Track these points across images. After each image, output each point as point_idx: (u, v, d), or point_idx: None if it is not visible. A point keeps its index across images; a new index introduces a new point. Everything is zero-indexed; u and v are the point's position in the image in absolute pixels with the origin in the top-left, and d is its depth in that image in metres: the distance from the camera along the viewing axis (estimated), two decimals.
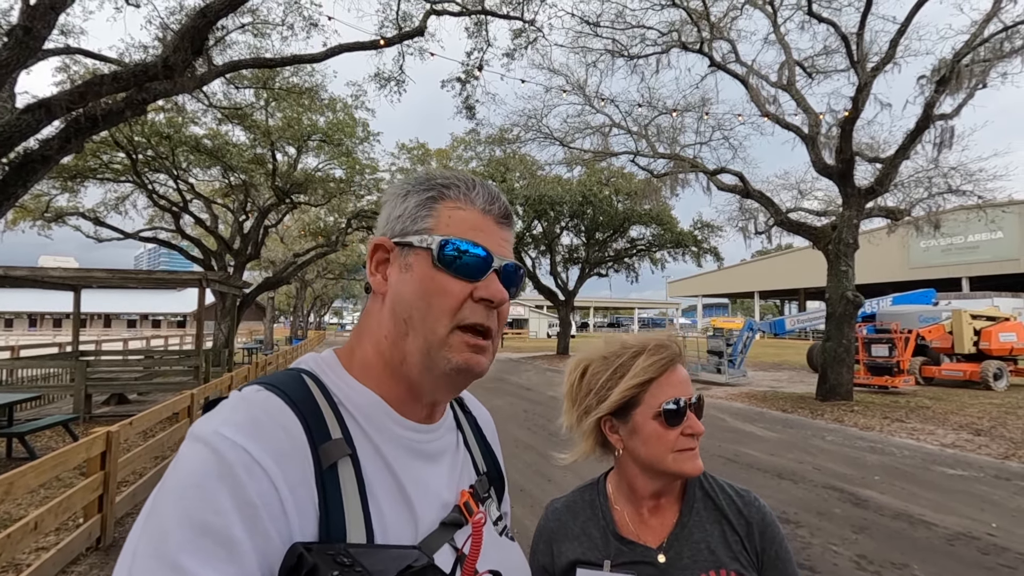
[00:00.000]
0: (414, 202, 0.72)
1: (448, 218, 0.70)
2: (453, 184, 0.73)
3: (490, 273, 0.70)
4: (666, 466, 0.98)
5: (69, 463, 3.84)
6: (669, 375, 1.01)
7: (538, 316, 54.69)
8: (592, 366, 1.07)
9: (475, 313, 0.68)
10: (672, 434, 0.98)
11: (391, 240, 0.71)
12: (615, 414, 1.03)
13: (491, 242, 0.71)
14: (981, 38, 10.22)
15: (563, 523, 1.07)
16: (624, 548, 1.00)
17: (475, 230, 0.71)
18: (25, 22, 5.57)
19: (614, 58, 13.81)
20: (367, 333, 0.72)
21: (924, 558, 4.07)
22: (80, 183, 15.84)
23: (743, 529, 1.00)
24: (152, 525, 0.52)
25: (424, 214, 0.71)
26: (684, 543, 0.98)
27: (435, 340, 0.67)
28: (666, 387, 1.00)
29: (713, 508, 1.03)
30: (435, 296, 0.67)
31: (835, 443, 7.82)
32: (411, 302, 0.68)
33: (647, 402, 1.00)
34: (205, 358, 10.90)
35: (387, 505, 0.63)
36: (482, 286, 0.69)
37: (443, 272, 0.68)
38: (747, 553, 0.98)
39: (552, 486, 5.75)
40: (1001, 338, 14.31)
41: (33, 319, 49.04)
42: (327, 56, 9.04)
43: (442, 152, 25.09)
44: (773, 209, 13.46)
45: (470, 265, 0.68)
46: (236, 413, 0.59)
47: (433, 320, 0.67)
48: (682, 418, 0.99)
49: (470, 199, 0.72)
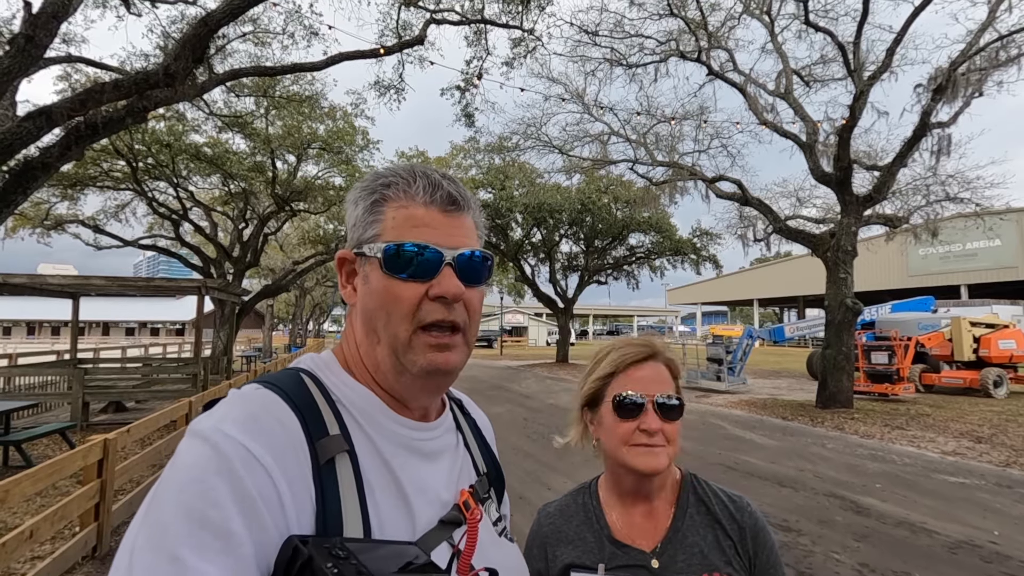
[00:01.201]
0: (362, 208, 0.72)
1: (392, 219, 0.69)
2: (393, 182, 0.71)
3: (443, 268, 0.68)
4: (620, 458, 1.01)
5: (65, 471, 3.82)
6: (633, 370, 1.04)
7: (537, 324, 54.62)
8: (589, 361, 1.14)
9: (433, 312, 0.68)
10: (624, 427, 1.00)
11: (351, 251, 0.71)
12: (589, 405, 1.09)
13: (438, 235, 0.69)
14: (977, 47, 10.30)
15: (557, 527, 1.08)
16: (618, 552, 1.00)
17: (420, 227, 0.69)
18: (27, 31, 5.60)
19: (613, 67, 13.90)
20: (348, 343, 0.75)
21: (926, 566, 4.04)
22: (80, 191, 15.87)
23: (736, 534, 1.01)
24: (151, 519, 0.52)
25: (372, 219, 0.70)
26: (678, 547, 0.99)
27: (399, 345, 0.68)
28: (625, 381, 1.03)
29: (706, 513, 1.04)
30: (391, 303, 0.67)
31: (836, 451, 7.79)
32: (373, 312, 0.69)
33: (607, 395, 1.04)
34: (203, 366, 10.88)
35: (384, 501, 0.64)
36: (435, 283, 0.67)
37: (392, 278, 0.67)
38: (740, 557, 0.99)
39: (552, 494, 5.71)
40: (1001, 345, 14.31)
41: (31, 327, 48.95)
42: (327, 64, 9.08)
43: (441, 160, 25.16)
44: (772, 216, 13.49)
45: (418, 265, 0.67)
46: (234, 410, 0.60)
47: (394, 327, 0.67)
48: (635, 413, 1.00)
49: (410, 194, 0.70)
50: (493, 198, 21.91)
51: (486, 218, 0.81)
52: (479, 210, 0.77)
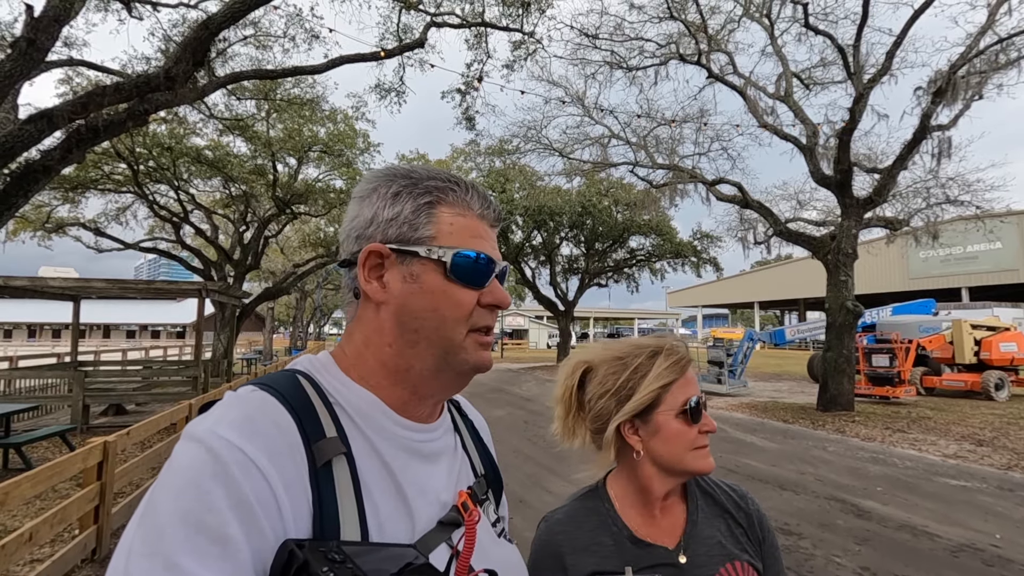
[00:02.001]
0: (410, 207, 0.70)
1: (450, 225, 0.71)
2: (450, 188, 0.72)
3: (492, 278, 0.72)
4: (685, 464, 1.01)
5: (65, 474, 3.81)
6: (688, 374, 1.04)
7: (538, 327, 54.59)
8: (602, 368, 1.05)
9: (484, 318, 0.72)
10: (693, 432, 1.01)
11: (387, 246, 0.69)
12: (640, 415, 1.03)
13: (488, 247, 0.72)
14: (976, 50, 10.31)
15: (569, 535, 1.03)
16: (642, 552, 0.99)
17: (476, 237, 0.72)
18: (29, 34, 5.62)
19: (613, 70, 13.93)
20: (364, 340, 0.71)
21: (928, 569, 4.03)
22: (81, 194, 15.88)
23: (744, 520, 1.05)
24: (147, 524, 0.51)
25: (424, 221, 0.70)
26: (698, 541, 1.01)
27: (452, 347, 0.70)
28: (686, 386, 1.02)
29: (714, 504, 1.07)
30: (450, 308, 0.69)
31: (837, 454, 7.77)
32: (422, 314, 0.69)
33: (668, 401, 1.00)
34: (204, 368, 10.87)
35: (383, 503, 0.63)
36: (487, 292, 0.71)
37: (455, 283, 0.69)
38: (751, 543, 1.03)
39: (552, 497, 5.70)
40: (1002, 348, 14.28)
41: (32, 330, 48.93)
42: (328, 68, 9.10)
43: (442, 163, 25.18)
44: (772, 219, 13.49)
45: (478, 274, 0.70)
46: (230, 412, 0.59)
47: (449, 330, 0.69)
48: (701, 416, 1.02)
49: (467, 204, 0.73)
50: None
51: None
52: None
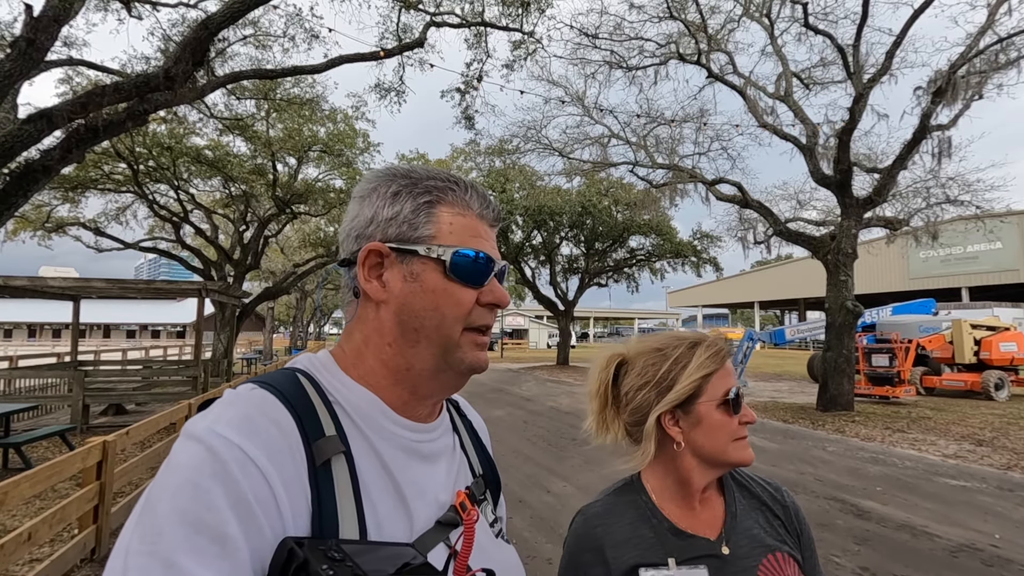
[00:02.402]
0: (410, 206, 0.71)
1: (450, 224, 0.71)
2: (449, 188, 0.73)
3: (491, 277, 0.73)
4: (726, 455, 1.01)
5: (64, 473, 3.81)
6: (727, 365, 1.04)
7: (538, 326, 54.56)
8: (640, 359, 1.05)
9: (482, 316, 0.72)
10: (734, 422, 1.01)
11: (386, 245, 0.70)
12: (678, 406, 1.02)
13: (488, 246, 0.73)
14: (976, 50, 10.31)
15: (608, 527, 1.02)
16: (684, 544, 0.99)
17: (475, 236, 0.72)
18: (28, 34, 5.61)
19: (612, 69, 13.92)
20: (364, 340, 0.72)
21: (928, 570, 4.03)
22: (81, 193, 15.88)
23: (782, 512, 1.06)
24: (145, 522, 0.51)
25: (424, 220, 0.70)
26: (739, 533, 1.01)
27: (450, 345, 0.70)
28: (726, 377, 1.02)
29: (750, 496, 1.08)
30: (450, 306, 0.69)
31: (836, 454, 7.77)
32: (422, 313, 0.69)
33: (709, 392, 1.01)
34: (204, 368, 10.87)
35: (381, 502, 0.63)
36: (487, 291, 0.72)
37: (455, 282, 0.69)
38: (789, 535, 1.04)
39: (551, 497, 5.70)
40: (1002, 348, 14.28)
41: (32, 329, 48.93)
42: (328, 67, 9.10)
43: (442, 163, 25.18)
44: (772, 219, 13.48)
45: (477, 273, 0.71)
46: (229, 410, 0.59)
47: (448, 328, 0.69)
48: (741, 406, 1.02)
49: (467, 204, 0.73)
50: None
51: None
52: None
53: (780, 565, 0.98)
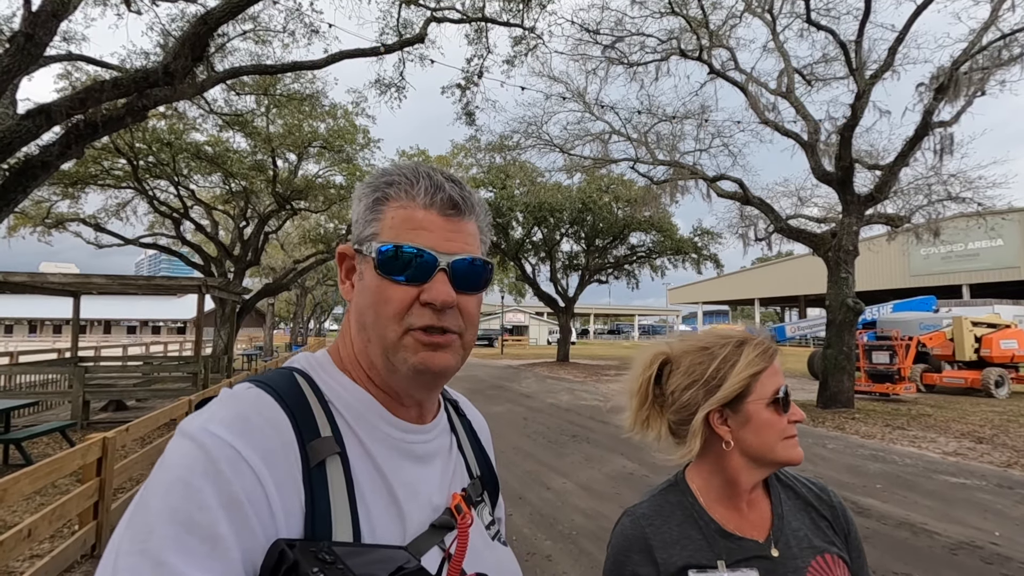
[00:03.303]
0: (363, 206, 0.71)
1: (391, 219, 0.69)
2: (396, 181, 0.70)
3: (436, 273, 0.67)
4: (775, 454, 1.00)
5: (64, 469, 3.81)
6: (775, 364, 1.03)
7: (538, 323, 54.60)
8: (686, 358, 1.05)
9: (421, 317, 0.67)
10: (783, 421, 1.00)
11: (351, 247, 0.71)
12: (729, 405, 1.02)
13: (435, 239, 0.68)
14: (979, 46, 10.26)
15: (657, 528, 1.02)
16: (733, 546, 0.98)
17: (417, 229, 0.68)
18: (27, 29, 5.59)
19: (613, 65, 13.87)
20: (343, 339, 0.74)
21: (927, 568, 4.03)
22: (81, 189, 15.85)
23: (829, 513, 1.05)
24: (137, 521, 0.51)
25: (371, 218, 0.70)
26: (788, 534, 1.00)
27: (388, 344, 0.67)
28: (774, 376, 1.02)
29: (796, 497, 1.07)
30: (381, 304, 0.67)
31: (836, 451, 7.78)
32: (364, 310, 0.69)
33: (758, 391, 1.00)
34: (204, 364, 10.88)
35: (375, 505, 0.63)
36: (426, 288, 0.66)
37: (385, 279, 0.67)
38: (837, 536, 1.03)
39: (551, 494, 5.70)
40: (1002, 345, 14.28)
41: (33, 325, 49.02)
42: (328, 63, 9.06)
43: (442, 159, 25.15)
44: (773, 216, 13.45)
45: (411, 268, 0.66)
46: (224, 409, 0.59)
47: (382, 327, 0.67)
48: (790, 405, 1.01)
49: (411, 195, 0.69)
50: (494, 197, 21.92)
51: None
52: (484, 215, 0.75)
53: (830, 566, 0.97)
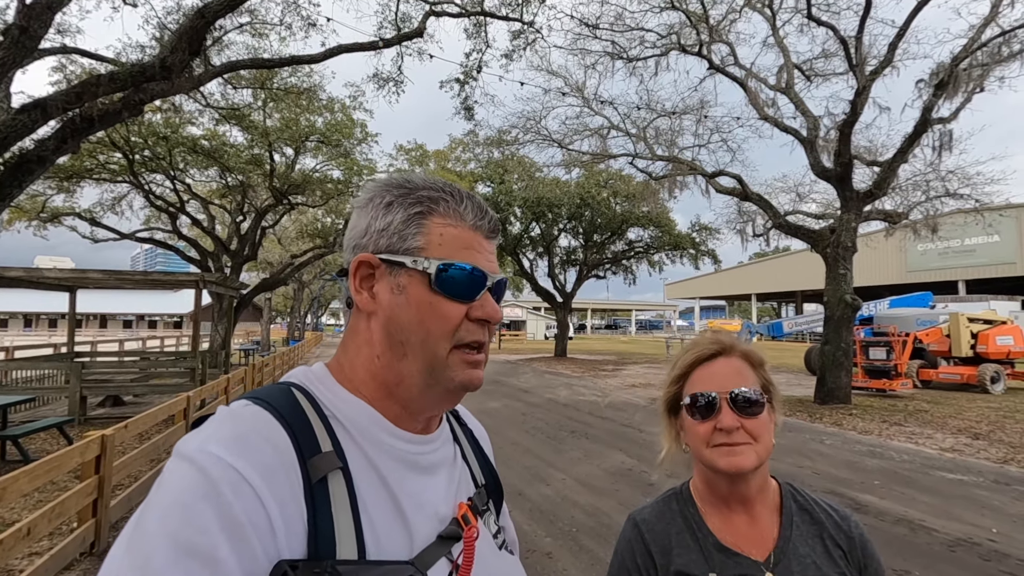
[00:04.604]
0: (400, 217, 0.70)
1: (440, 236, 0.69)
2: (442, 198, 0.71)
3: (484, 292, 0.70)
4: (706, 460, 0.99)
5: (63, 467, 3.79)
6: (703, 368, 1.02)
7: (536, 318, 54.67)
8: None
9: (472, 333, 0.69)
10: (703, 427, 0.98)
11: (376, 256, 0.69)
12: (672, 412, 1.06)
13: (482, 259, 0.70)
14: (979, 42, 10.25)
15: (658, 534, 1.02)
16: (728, 560, 0.96)
17: (467, 249, 0.70)
18: (21, 21, 5.53)
19: (613, 60, 13.82)
20: (356, 352, 0.71)
21: (925, 564, 4.05)
22: (76, 183, 15.76)
23: (845, 543, 0.99)
24: (136, 545, 0.50)
25: (413, 231, 0.69)
26: (792, 558, 0.96)
27: (437, 362, 0.68)
28: (697, 382, 1.01)
29: (811, 522, 1.01)
30: (434, 321, 0.67)
31: (834, 447, 7.81)
32: (408, 326, 0.67)
33: (683, 397, 1.02)
34: (201, 360, 10.84)
35: (380, 519, 0.62)
36: (477, 306, 0.69)
37: (440, 296, 0.67)
38: (851, 566, 0.96)
39: (551, 490, 5.72)
40: (998, 341, 14.35)
41: (28, 320, 48.83)
42: (325, 57, 9.00)
43: (440, 154, 25.06)
44: (771, 212, 13.46)
45: (466, 287, 0.68)
46: (222, 429, 0.58)
47: (433, 344, 0.67)
48: (711, 412, 0.97)
49: (460, 215, 0.71)
50: (492, 192, 21.89)
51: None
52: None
53: None
